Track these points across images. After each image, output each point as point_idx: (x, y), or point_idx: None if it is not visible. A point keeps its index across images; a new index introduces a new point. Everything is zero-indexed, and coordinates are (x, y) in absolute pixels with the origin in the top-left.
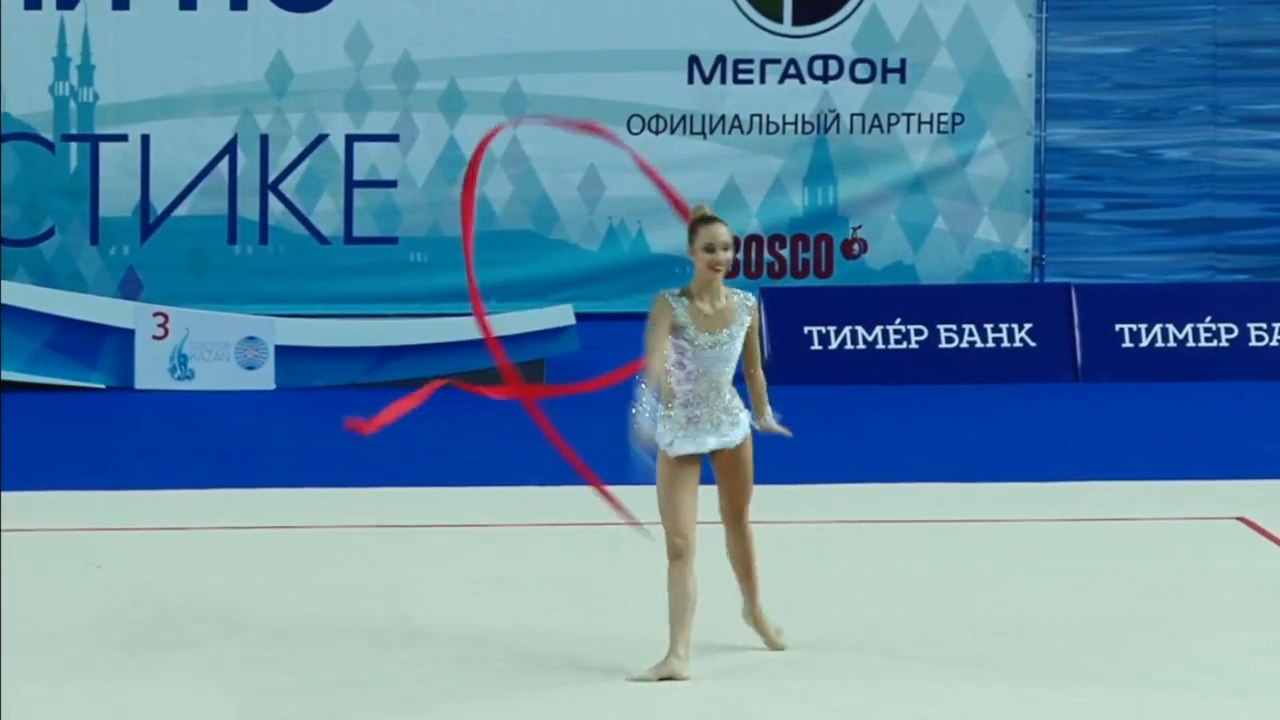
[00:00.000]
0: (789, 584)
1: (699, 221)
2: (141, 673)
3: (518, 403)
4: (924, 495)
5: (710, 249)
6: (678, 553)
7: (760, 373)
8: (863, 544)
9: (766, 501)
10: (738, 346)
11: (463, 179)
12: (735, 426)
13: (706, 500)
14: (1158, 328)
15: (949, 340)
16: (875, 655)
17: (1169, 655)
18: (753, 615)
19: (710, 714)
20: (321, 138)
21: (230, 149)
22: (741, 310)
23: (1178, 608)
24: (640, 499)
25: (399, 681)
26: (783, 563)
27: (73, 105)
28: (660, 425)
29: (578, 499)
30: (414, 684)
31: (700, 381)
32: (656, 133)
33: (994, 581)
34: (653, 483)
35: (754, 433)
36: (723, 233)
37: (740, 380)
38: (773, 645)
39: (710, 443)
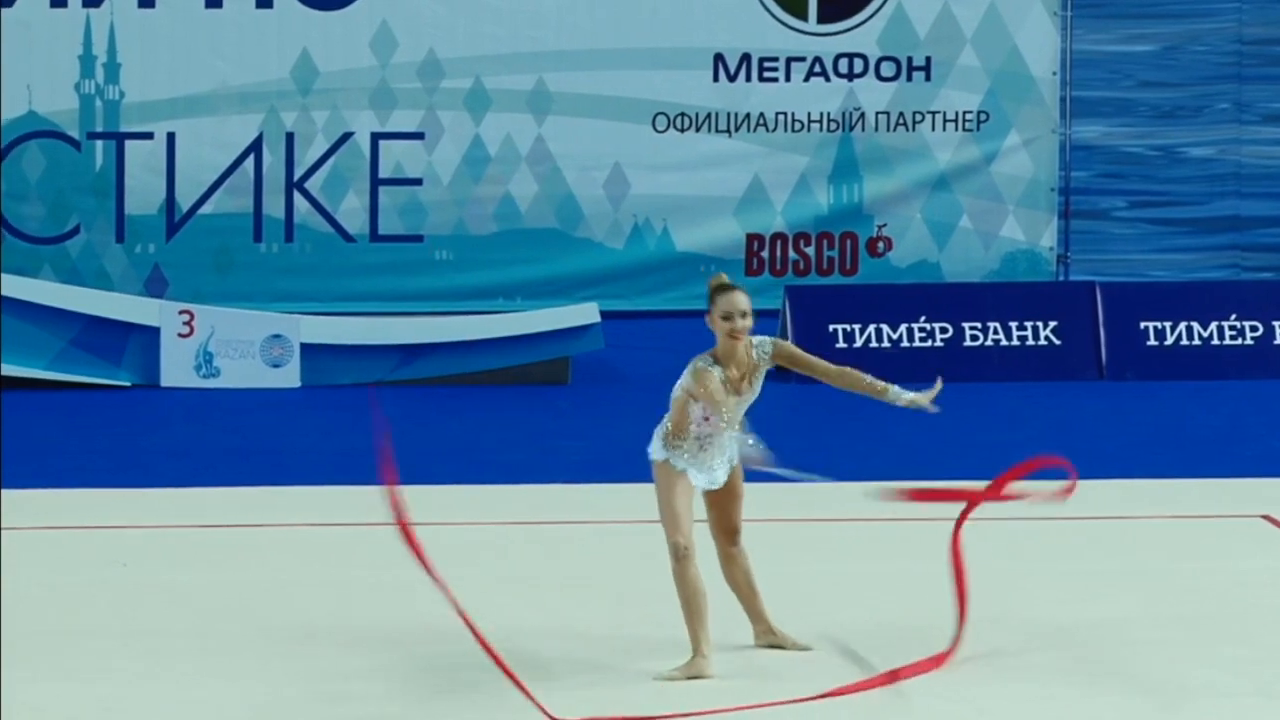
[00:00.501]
0: (811, 583)
1: (716, 290)
2: (167, 672)
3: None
4: None
5: (729, 317)
6: (681, 553)
7: (840, 370)
8: (885, 542)
9: (787, 500)
10: (756, 394)
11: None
12: (730, 462)
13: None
14: (1182, 326)
15: (974, 338)
16: (898, 654)
17: (1194, 655)
18: (769, 631)
19: (738, 714)
20: (347, 136)
21: (255, 147)
22: (760, 361)
23: (1202, 607)
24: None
25: (423, 681)
26: (804, 561)
27: (98, 103)
28: (668, 450)
29: (607, 497)
30: (439, 684)
31: (719, 428)
32: (682, 131)
33: (1017, 580)
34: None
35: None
36: (741, 301)
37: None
38: (798, 647)
39: (720, 476)
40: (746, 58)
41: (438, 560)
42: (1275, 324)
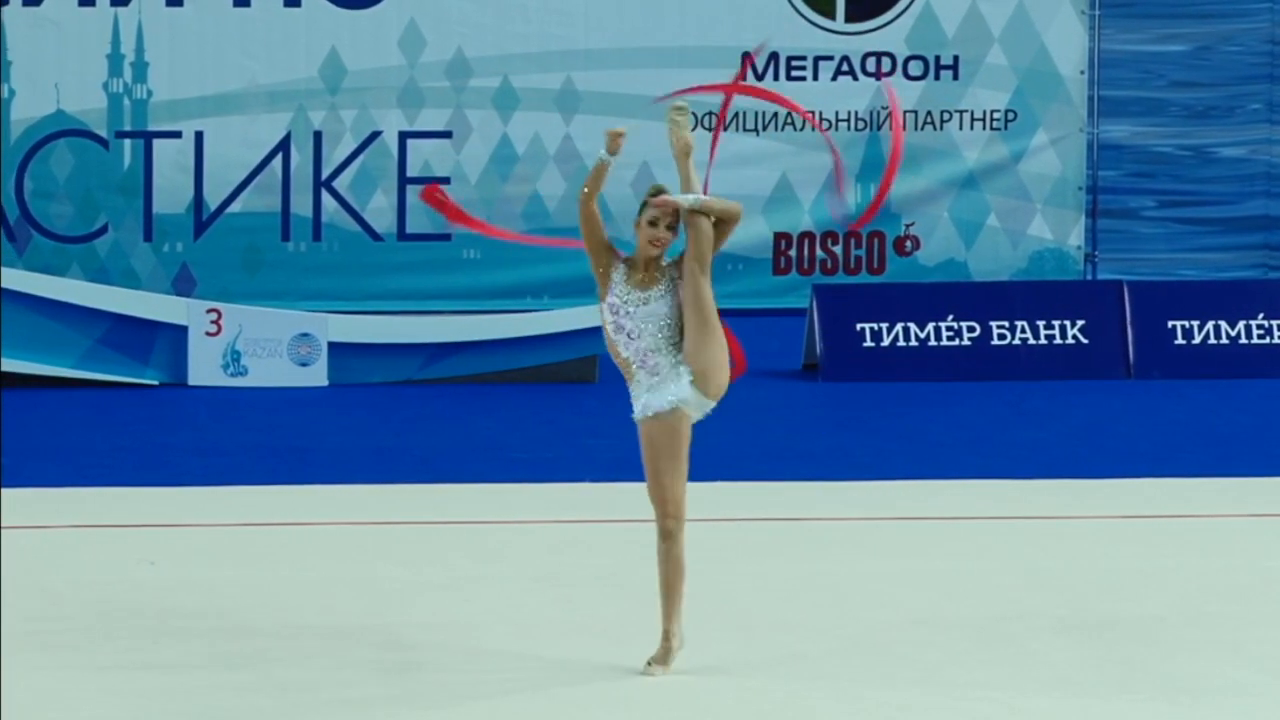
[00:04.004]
0: (842, 580)
1: (651, 196)
2: (195, 670)
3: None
4: (977, 492)
5: (654, 223)
6: (669, 532)
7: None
8: (915, 540)
9: (817, 498)
10: (673, 305)
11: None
12: (678, 382)
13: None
14: (1210, 324)
15: (1001, 337)
16: (928, 650)
17: (1223, 653)
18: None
19: (764, 711)
20: (375, 134)
21: (284, 146)
22: (672, 268)
23: (1231, 605)
24: None
25: (453, 679)
26: (835, 558)
27: (127, 102)
28: (639, 397)
29: (634, 496)
30: (468, 681)
31: (643, 338)
32: (710, 129)
33: (1047, 578)
34: None
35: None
36: (669, 207)
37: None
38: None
39: (672, 394)
40: (774, 57)
41: (467, 557)
42: None
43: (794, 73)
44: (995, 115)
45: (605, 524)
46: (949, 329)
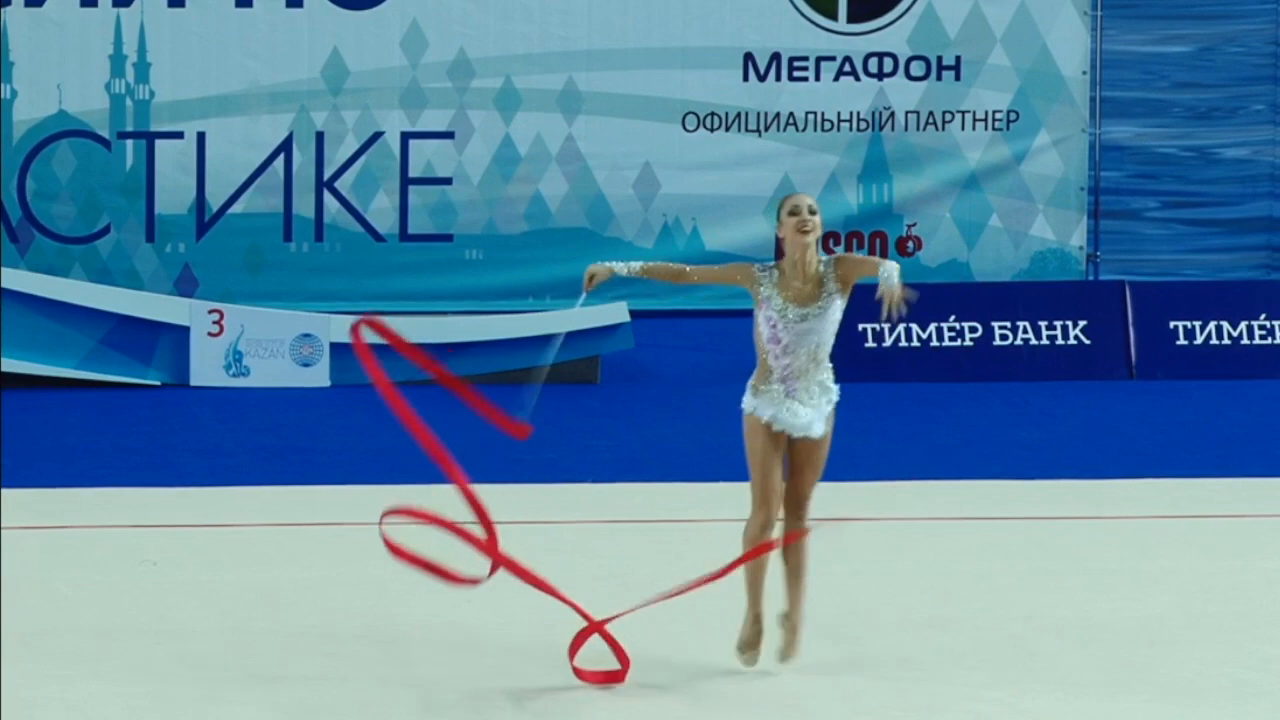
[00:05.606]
0: (845, 581)
1: (785, 204)
2: (196, 671)
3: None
4: (978, 492)
5: (795, 212)
6: (758, 532)
7: (882, 273)
8: (917, 541)
9: (818, 498)
10: (828, 319)
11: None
12: (825, 407)
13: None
14: (1212, 325)
15: (1003, 337)
16: (930, 652)
17: (1224, 654)
18: (789, 619)
19: (767, 712)
20: (377, 135)
21: (286, 146)
22: (826, 274)
23: (1232, 606)
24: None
25: (453, 681)
26: (837, 560)
27: (129, 103)
28: (756, 398)
29: (637, 496)
30: (467, 682)
31: (794, 357)
32: (712, 130)
33: (1049, 579)
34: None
35: (834, 430)
36: (807, 198)
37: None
38: (782, 655)
39: (806, 424)
40: (776, 57)
41: (471, 558)
42: None
43: (796, 73)
44: (997, 116)
45: (607, 524)
46: (951, 330)
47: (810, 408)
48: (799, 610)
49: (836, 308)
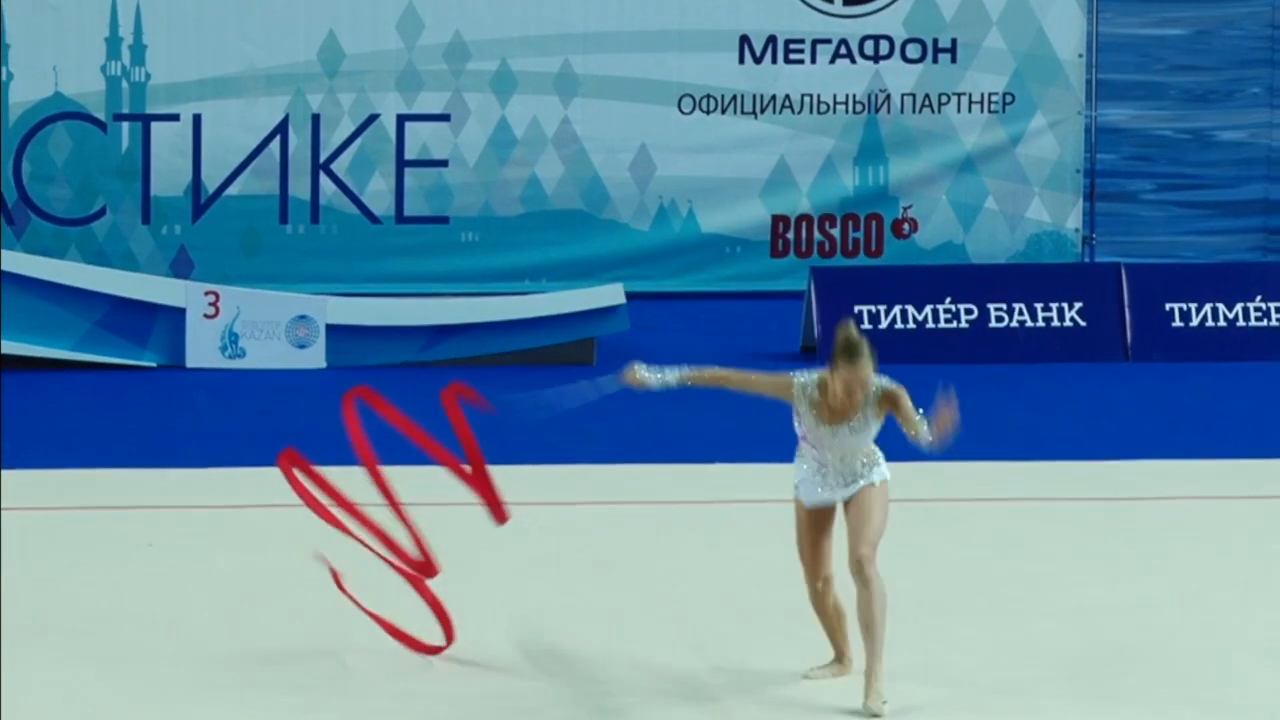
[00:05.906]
0: (835, 561)
1: (842, 352)
2: (192, 654)
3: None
4: (975, 474)
5: (850, 392)
6: (812, 595)
7: (920, 434)
8: (912, 523)
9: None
10: (864, 435)
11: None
12: (870, 474)
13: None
14: (1208, 307)
15: (999, 320)
16: (928, 633)
17: (1222, 636)
18: (866, 674)
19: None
20: (373, 118)
21: (282, 129)
22: (870, 403)
23: (1230, 587)
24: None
25: (453, 665)
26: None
27: (125, 85)
28: (798, 476)
29: (631, 478)
30: (466, 665)
31: (826, 454)
32: (708, 113)
33: (1045, 561)
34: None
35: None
36: (865, 372)
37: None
38: (868, 710)
39: (840, 495)
40: (772, 40)
41: (469, 541)
42: None
43: (792, 56)
44: (993, 98)
45: (603, 506)
46: (947, 311)
47: (847, 487)
48: (875, 665)
49: (872, 428)
